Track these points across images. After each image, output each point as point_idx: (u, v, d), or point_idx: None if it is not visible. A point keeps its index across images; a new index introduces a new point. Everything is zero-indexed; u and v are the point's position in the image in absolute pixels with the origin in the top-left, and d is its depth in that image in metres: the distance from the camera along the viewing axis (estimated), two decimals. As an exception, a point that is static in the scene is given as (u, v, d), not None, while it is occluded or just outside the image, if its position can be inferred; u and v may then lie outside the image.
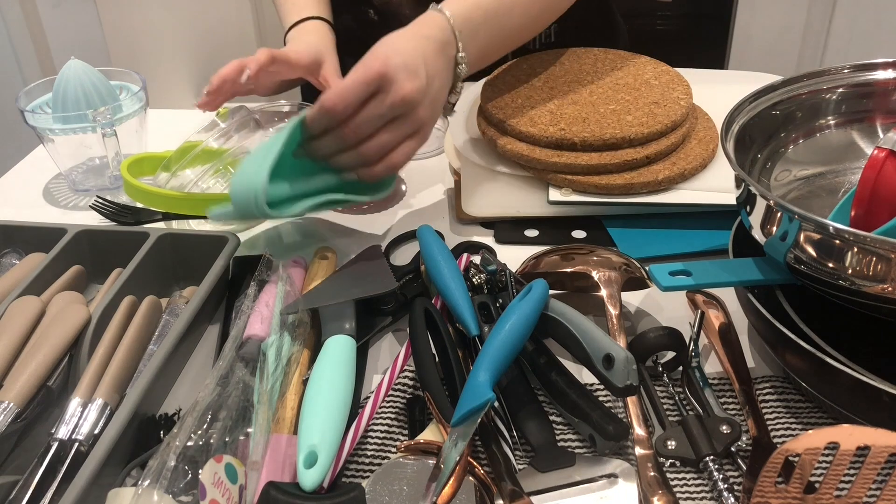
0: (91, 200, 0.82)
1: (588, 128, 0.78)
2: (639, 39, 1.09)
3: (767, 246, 0.58)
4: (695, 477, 0.53)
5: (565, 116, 0.80)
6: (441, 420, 0.54)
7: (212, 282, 0.64)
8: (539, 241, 0.78)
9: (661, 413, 0.57)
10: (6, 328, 0.59)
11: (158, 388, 0.60)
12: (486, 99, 0.85)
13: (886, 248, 0.50)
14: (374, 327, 0.67)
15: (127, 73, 0.94)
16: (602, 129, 0.78)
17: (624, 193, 0.77)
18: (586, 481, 0.51)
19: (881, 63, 0.68)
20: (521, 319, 0.56)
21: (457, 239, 0.78)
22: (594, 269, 0.66)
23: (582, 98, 0.83)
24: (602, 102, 0.82)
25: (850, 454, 0.45)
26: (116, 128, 0.87)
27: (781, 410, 0.58)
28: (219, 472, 0.48)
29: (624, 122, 0.78)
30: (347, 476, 0.54)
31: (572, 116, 0.80)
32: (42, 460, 0.51)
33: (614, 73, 0.88)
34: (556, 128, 0.78)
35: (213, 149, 0.81)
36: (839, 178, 0.69)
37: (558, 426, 0.57)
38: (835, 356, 0.51)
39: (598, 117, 0.80)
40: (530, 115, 0.81)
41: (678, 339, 0.61)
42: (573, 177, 0.77)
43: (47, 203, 0.90)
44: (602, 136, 0.77)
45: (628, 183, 0.76)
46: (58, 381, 0.57)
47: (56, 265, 0.67)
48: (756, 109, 0.66)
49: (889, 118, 0.69)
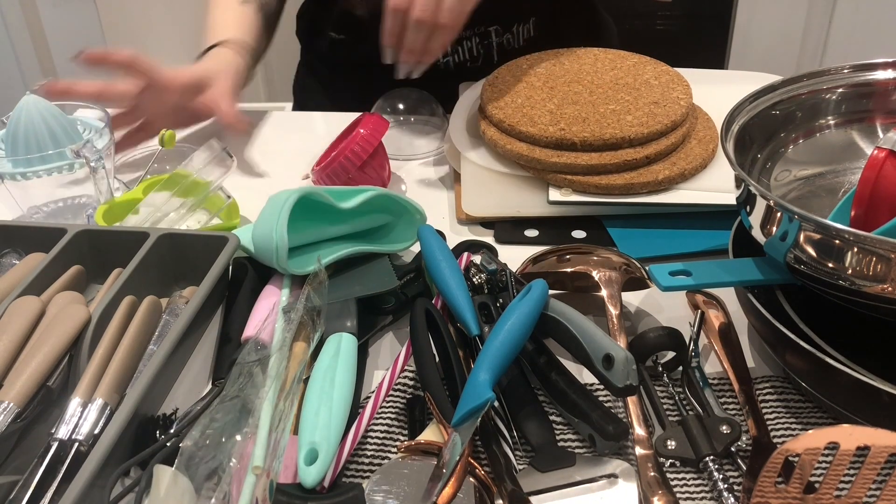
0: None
1: (588, 128, 0.78)
2: (639, 39, 1.09)
3: (767, 246, 0.58)
4: (695, 477, 0.53)
5: (565, 116, 0.80)
6: (441, 420, 0.54)
7: (212, 282, 0.64)
8: (539, 241, 0.78)
9: (661, 413, 0.57)
10: (6, 328, 0.59)
11: (158, 388, 0.60)
12: (487, 99, 0.85)
13: (886, 248, 0.50)
14: (375, 326, 0.67)
15: (87, 106, 0.88)
16: (602, 129, 0.78)
17: (624, 193, 0.77)
18: (586, 481, 0.51)
19: (881, 63, 0.68)
20: (521, 319, 0.56)
21: (457, 239, 0.78)
22: (594, 269, 0.66)
23: (582, 98, 0.83)
24: (602, 102, 0.82)
25: (850, 454, 0.45)
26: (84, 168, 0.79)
27: (781, 410, 0.58)
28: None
29: (624, 122, 0.78)
30: (347, 476, 0.54)
31: (572, 116, 0.80)
32: (42, 460, 0.51)
33: (614, 73, 0.88)
34: (555, 128, 0.78)
35: (184, 173, 0.78)
36: (839, 178, 0.69)
37: (558, 426, 0.57)
38: (835, 356, 0.51)
39: (597, 117, 0.80)
40: (530, 114, 0.81)
41: (678, 339, 0.61)
42: (573, 177, 0.77)
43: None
44: (602, 136, 0.77)
45: (628, 183, 0.76)
46: (58, 381, 0.57)
47: (56, 265, 0.66)
48: (756, 109, 0.66)
49: (889, 118, 0.69)
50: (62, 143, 0.81)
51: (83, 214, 0.83)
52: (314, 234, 0.70)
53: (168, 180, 0.78)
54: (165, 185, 0.77)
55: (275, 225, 0.64)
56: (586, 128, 0.78)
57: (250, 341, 0.59)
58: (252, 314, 0.65)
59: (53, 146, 0.80)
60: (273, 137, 1.02)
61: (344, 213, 0.69)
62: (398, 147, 0.95)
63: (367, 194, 0.69)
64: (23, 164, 0.79)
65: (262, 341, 0.59)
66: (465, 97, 0.95)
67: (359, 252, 0.70)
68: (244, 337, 0.64)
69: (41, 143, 0.80)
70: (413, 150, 0.95)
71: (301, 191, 0.65)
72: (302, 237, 0.68)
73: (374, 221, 0.73)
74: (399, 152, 0.94)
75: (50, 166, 0.79)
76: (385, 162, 0.86)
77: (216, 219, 0.78)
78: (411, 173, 0.91)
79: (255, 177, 0.92)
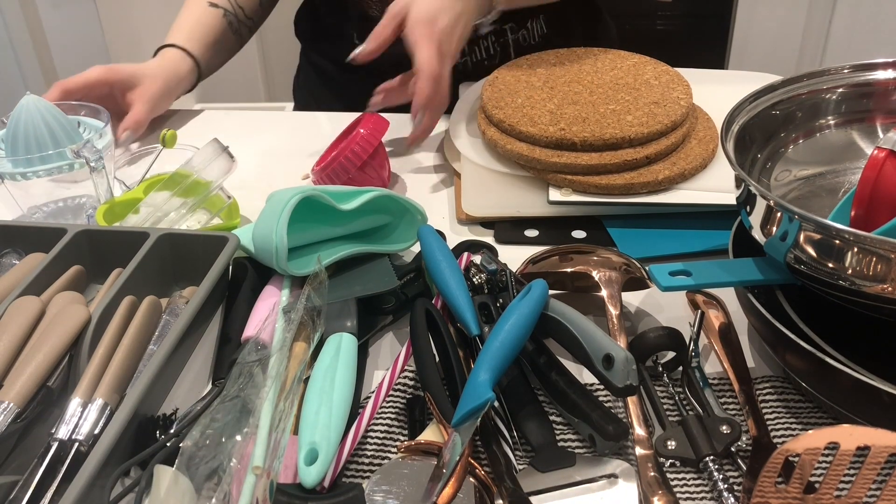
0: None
1: (588, 128, 0.78)
2: (639, 39, 1.09)
3: (767, 246, 0.58)
4: (695, 477, 0.53)
5: (565, 116, 0.80)
6: (441, 420, 0.54)
7: (212, 282, 0.64)
8: (539, 241, 0.78)
9: (661, 413, 0.57)
10: (6, 328, 0.59)
11: (158, 389, 0.60)
12: (487, 98, 0.85)
13: (886, 248, 0.50)
14: (375, 326, 0.67)
15: (87, 107, 0.88)
16: (602, 129, 0.78)
17: (624, 193, 0.77)
18: (586, 481, 0.51)
19: (881, 63, 0.68)
20: (521, 319, 0.56)
21: (457, 239, 0.78)
22: (594, 269, 0.66)
23: (582, 98, 0.83)
24: (602, 102, 0.82)
25: (850, 454, 0.45)
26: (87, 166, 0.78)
27: (781, 410, 0.58)
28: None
29: (624, 122, 0.78)
30: (347, 476, 0.54)
31: (572, 116, 0.80)
32: (42, 460, 0.51)
33: (614, 73, 0.88)
34: (555, 128, 0.78)
35: (185, 173, 0.78)
36: (839, 178, 0.69)
37: (558, 426, 0.57)
38: (835, 356, 0.51)
39: (597, 117, 0.80)
40: (530, 114, 0.81)
41: (678, 339, 0.61)
42: (573, 177, 0.77)
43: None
44: (602, 136, 0.77)
45: (628, 183, 0.76)
46: (58, 381, 0.57)
47: (56, 265, 0.66)
48: (756, 109, 0.66)
49: (889, 118, 0.69)
50: (62, 143, 0.80)
51: (83, 214, 0.83)
52: (314, 234, 0.70)
53: (168, 180, 0.78)
54: (166, 185, 0.77)
55: (275, 226, 0.64)
56: (586, 128, 0.78)
57: (250, 341, 0.59)
58: (252, 314, 0.65)
59: (53, 146, 0.80)
60: (273, 137, 1.02)
61: (344, 214, 0.69)
62: (399, 145, 0.95)
63: (368, 196, 0.69)
64: (23, 164, 0.79)
65: (262, 341, 0.59)
66: (465, 97, 0.95)
67: (359, 252, 0.70)
68: (244, 337, 0.64)
69: (41, 143, 0.80)
70: (413, 150, 0.95)
71: (302, 192, 0.65)
72: (302, 238, 0.68)
73: (374, 222, 0.73)
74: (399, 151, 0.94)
75: (50, 166, 0.79)
76: (385, 161, 0.86)
77: (216, 219, 0.78)
78: (411, 173, 0.91)
79: (256, 177, 0.92)
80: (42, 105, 0.81)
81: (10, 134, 0.81)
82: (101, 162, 0.78)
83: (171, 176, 0.78)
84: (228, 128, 1.05)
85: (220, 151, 0.79)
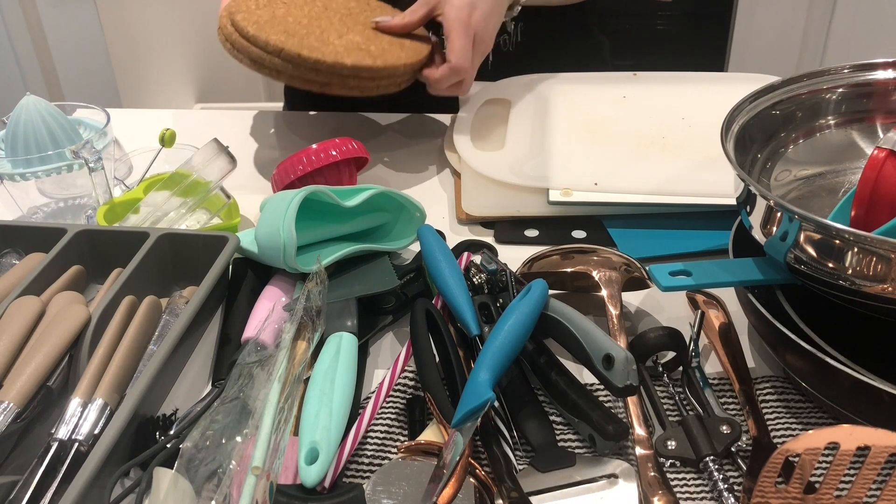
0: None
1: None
2: (639, 40, 1.09)
3: (767, 246, 0.58)
4: (695, 477, 0.53)
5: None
6: (441, 420, 0.54)
7: (212, 282, 0.64)
8: (539, 241, 0.78)
9: (661, 413, 0.57)
10: (6, 328, 0.59)
11: (158, 389, 0.60)
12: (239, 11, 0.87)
13: (886, 248, 0.50)
14: (376, 326, 0.67)
15: (87, 107, 0.88)
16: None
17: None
18: (586, 481, 0.51)
19: (881, 63, 0.69)
20: (521, 319, 0.56)
21: (457, 239, 0.78)
22: (594, 269, 0.66)
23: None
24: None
25: (850, 454, 0.45)
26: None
27: (781, 410, 0.58)
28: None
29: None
30: (347, 476, 0.54)
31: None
32: (42, 460, 0.51)
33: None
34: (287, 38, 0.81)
35: (185, 173, 0.77)
36: (839, 178, 0.69)
37: (558, 426, 0.57)
38: (835, 356, 0.51)
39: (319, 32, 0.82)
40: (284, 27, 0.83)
41: (678, 339, 0.61)
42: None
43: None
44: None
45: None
46: (58, 381, 0.57)
47: (56, 265, 0.66)
48: (756, 109, 0.66)
49: (889, 118, 0.69)
50: (62, 144, 0.80)
51: (83, 214, 0.83)
52: (315, 233, 0.70)
53: (168, 180, 0.78)
54: (165, 185, 0.77)
55: (281, 223, 0.64)
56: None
57: (250, 342, 0.59)
58: (252, 314, 0.65)
59: (53, 146, 0.80)
60: (273, 137, 1.02)
61: (345, 213, 0.69)
62: (397, 148, 0.94)
63: (369, 192, 0.69)
64: (23, 164, 0.79)
65: (262, 342, 0.59)
66: (467, 100, 0.95)
67: (359, 251, 0.70)
68: (244, 337, 0.64)
69: (41, 143, 0.80)
70: (413, 150, 0.95)
71: (306, 189, 0.65)
72: (304, 237, 0.69)
73: (373, 221, 0.73)
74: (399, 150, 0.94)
75: (50, 167, 0.79)
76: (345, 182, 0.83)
77: (216, 219, 0.78)
78: (411, 173, 0.91)
79: (256, 177, 0.92)
80: (42, 105, 0.81)
81: (10, 134, 0.81)
82: (101, 163, 0.78)
83: (170, 176, 0.78)
84: (228, 128, 1.05)
85: (220, 151, 0.79)
